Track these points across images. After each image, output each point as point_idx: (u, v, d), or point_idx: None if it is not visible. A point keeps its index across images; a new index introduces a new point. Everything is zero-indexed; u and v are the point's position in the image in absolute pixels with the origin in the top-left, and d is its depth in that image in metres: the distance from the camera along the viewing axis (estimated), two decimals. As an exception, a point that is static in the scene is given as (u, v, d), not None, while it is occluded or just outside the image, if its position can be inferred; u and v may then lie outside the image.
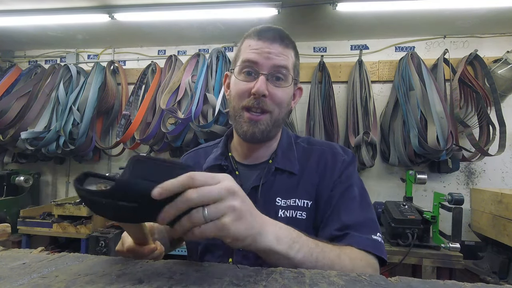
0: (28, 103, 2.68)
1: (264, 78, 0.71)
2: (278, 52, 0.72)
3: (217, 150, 0.85)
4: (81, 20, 2.38)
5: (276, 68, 0.72)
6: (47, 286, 0.43)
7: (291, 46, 0.76)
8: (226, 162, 0.81)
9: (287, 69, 0.73)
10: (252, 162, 0.82)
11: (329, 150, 0.81)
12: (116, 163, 2.94)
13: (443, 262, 1.75)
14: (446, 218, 2.08)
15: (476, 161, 2.35)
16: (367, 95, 2.37)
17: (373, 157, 2.31)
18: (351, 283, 0.45)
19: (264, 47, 0.72)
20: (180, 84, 2.53)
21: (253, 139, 0.74)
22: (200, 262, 0.52)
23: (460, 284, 0.45)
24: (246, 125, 0.73)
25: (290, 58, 0.75)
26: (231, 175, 0.75)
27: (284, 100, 0.75)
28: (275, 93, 0.72)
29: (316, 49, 2.71)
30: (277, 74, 0.73)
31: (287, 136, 0.85)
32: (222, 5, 2.13)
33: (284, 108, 0.76)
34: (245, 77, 0.73)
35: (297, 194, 0.75)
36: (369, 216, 0.71)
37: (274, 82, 0.73)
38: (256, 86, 0.70)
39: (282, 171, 0.78)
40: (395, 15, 2.22)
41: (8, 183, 2.62)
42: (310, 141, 0.86)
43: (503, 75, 2.24)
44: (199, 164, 0.86)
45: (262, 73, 0.71)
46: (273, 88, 0.72)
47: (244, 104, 0.73)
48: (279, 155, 0.80)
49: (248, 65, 0.73)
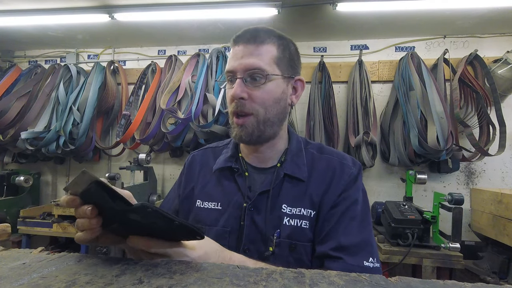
0: (28, 103, 2.68)
1: (240, 81, 0.72)
2: (250, 53, 0.72)
3: (227, 152, 0.86)
4: (81, 20, 2.38)
5: (249, 69, 0.72)
6: (47, 286, 0.43)
7: (268, 41, 0.73)
8: (237, 164, 0.82)
9: (260, 68, 0.71)
10: (260, 164, 0.82)
11: (338, 160, 0.80)
12: (116, 163, 2.94)
13: (443, 262, 1.75)
14: (446, 218, 2.08)
15: (476, 161, 2.35)
16: (367, 95, 2.37)
17: (373, 157, 2.31)
18: (351, 283, 0.45)
19: (239, 52, 0.74)
20: (180, 84, 2.53)
21: (243, 141, 0.76)
22: (200, 262, 0.52)
23: (460, 284, 0.44)
24: (236, 130, 0.75)
25: (266, 53, 0.72)
26: (241, 177, 0.80)
27: (267, 98, 0.73)
28: (254, 94, 0.72)
29: (316, 49, 2.71)
30: (253, 75, 0.72)
31: (297, 142, 0.84)
32: (222, 5, 2.13)
33: (271, 106, 0.74)
34: (229, 84, 0.76)
35: (303, 204, 0.75)
36: (367, 238, 0.71)
37: (252, 82, 0.72)
38: (232, 91, 0.72)
39: (290, 178, 0.78)
40: (395, 15, 2.22)
41: (8, 183, 2.62)
42: (321, 149, 0.84)
43: (503, 75, 2.24)
44: (207, 164, 0.87)
45: (238, 77, 0.73)
46: (252, 89, 0.72)
47: (231, 110, 0.75)
48: (288, 160, 0.80)
49: (228, 74, 0.76)
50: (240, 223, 0.75)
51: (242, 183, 0.79)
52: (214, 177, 0.83)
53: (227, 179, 0.81)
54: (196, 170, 0.88)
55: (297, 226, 0.73)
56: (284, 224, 0.73)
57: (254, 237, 0.74)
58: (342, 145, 2.53)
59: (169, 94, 2.49)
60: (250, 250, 0.74)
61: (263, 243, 0.73)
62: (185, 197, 0.86)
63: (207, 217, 0.79)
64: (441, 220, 1.95)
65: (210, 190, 0.82)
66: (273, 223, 0.74)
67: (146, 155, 2.49)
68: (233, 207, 0.77)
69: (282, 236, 0.73)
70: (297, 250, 0.72)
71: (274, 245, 0.72)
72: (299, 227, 0.73)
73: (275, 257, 0.71)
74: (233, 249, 0.73)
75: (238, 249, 0.74)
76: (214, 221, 0.77)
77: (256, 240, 0.74)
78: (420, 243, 1.81)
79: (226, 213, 0.77)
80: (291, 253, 0.72)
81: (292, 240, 0.72)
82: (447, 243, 1.78)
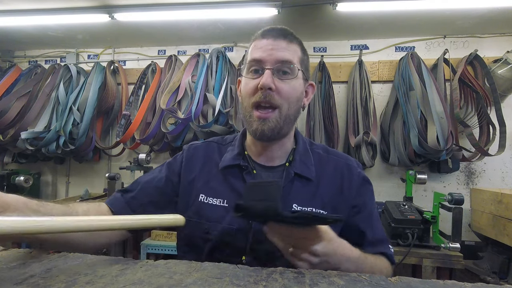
0: (28, 103, 2.68)
1: (270, 72, 0.72)
2: (282, 47, 0.73)
3: (233, 149, 0.84)
4: (81, 20, 2.38)
5: (281, 62, 0.73)
6: (47, 286, 0.43)
7: (296, 42, 0.77)
8: (245, 162, 0.81)
9: (292, 62, 0.73)
10: (268, 163, 0.81)
11: (344, 161, 0.84)
12: (116, 163, 2.94)
13: (443, 262, 1.75)
14: (446, 218, 2.07)
15: (476, 161, 2.35)
16: (367, 95, 2.37)
17: (373, 157, 2.31)
18: (351, 283, 0.45)
19: (268, 44, 0.74)
20: (180, 84, 2.53)
21: (263, 136, 0.75)
22: (200, 262, 0.52)
23: (460, 284, 0.45)
24: (256, 123, 0.74)
25: (295, 52, 0.75)
26: (249, 175, 0.79)
27: (292, 94, 0.74)
28: (282, 87, 0.73)
29: (316, 49, 2.71)
30: (283, 68, 0.73)
31: (303, 142, 0.86)
32: (222, 5, 2.13)
33: (293, 103, 0.75)
34: (252, 75, 0.75)
35: (314, 204, 0.76)
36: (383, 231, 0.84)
37: (281, 76, 0.73)
38: (262, 79, 0.71)
39: (299, 177, 0.78)
40: (395, 15, 2.22)
41: (8, 183, 2.61)
42: (326, 149, 0.87)
43: (503, 75, 2.24)
44: (211, 159, 0.84)
45: (267, 68, 0.72)
46: (279, 82, 0.73)
47: (253, 101, 0.74)
48: (297, 160, 0.80)
49: (254, 64, 0.75)
50: (248, 221, 0.74)
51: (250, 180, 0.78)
52: (220, 174, 0.81)
53: (234, 176, 0.80)
54: (198, 162, 0.85)
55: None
56: None
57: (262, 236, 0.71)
58: (342, 145, 2.53)
59: (169, 94, 2.49)
60: (257, 249, 0.72)
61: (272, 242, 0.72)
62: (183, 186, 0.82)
63: (211, 213, 0.77)
64: (441, 220, 1.95)
65: (216, 186, 0.80)
66: None
67: (146, 155, 2.49)
68: None
69: None
70: None
71: None
72: None
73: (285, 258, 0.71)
74: (240, 248, 0.73)
75: (244, 248, 0.73)
76: (219, 218, 0.76)
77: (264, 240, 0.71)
78: (420, 243, 1.81)
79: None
80: None
81: None
82: (447, 243, 1.77)
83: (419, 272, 1.81)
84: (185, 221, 0.71)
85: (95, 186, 2.95)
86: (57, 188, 3.07)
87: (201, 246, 0.77)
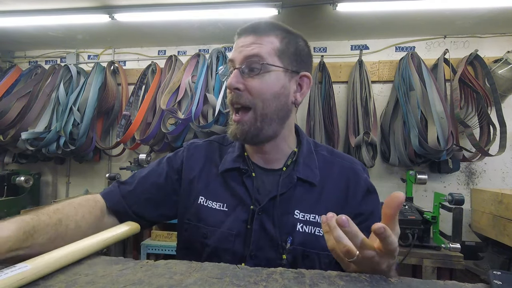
0: (29, 103, 2.68)
1: (237, 71, 0.69)
2: (250, 43, 0.69)
3: (233, 151, 0.80)
4: (81, 21, 2.38)
5: (247, 59, 0.68)
6: (47, 286, 0.43)
7: (272, 33, 0.70)
8: (245, 165, 0.77)
9: (259, 56, 0.68)
10: (266, 165, 0.78)
11: (350, 165, 0.80)
12: (117, 163, 2.94)
13: (443, 263, 1.75)
14: (446, 218, 2.07)
15: (477, 161, 2.35)
16: (367, 95, 2.36)
17: (373, 157, 2.31)
18: (351, 283, 0.45)
19: (240, 43, 0.71)
20: (180, 84, 2.53)
21: (237, 140, 0.73)
22: (200, 263, 0.52)
23: (460, 285, 0.44)
24: (232, 127, 0.72)
25: (266, 44, 0.69)
26: (249, 178, 0.76)
27: (266, 91, 0.69)
28: (252, 86, 0.68)
29: (316, 49, 2.71)
30: (250, 65, 0.68)
31: (307, 143, 0.81)
32: (222, 5, 2.13)
33: (269, 100, 0.69)
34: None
35: (318, 210, 0.72)
36: None
37: (249, 73, 0.68)
38: (228, 80, 0.69)
39: (303, 181, 0.74)
40: (395, 15, 2.22)
41: (9, 183, 2.61)
42: (331, 151, 0.83)
43: (503, 75, 2.24)
44: (212, 159, 0.81)
45: (236, 67, 0.70)
46: (250, 80, 0.68)
47: (228, 103, 0.73)
48: (300, 163, 0.76)
49: (230, 65, 0.73)
50: (247, 226, 0.71)
51: (250, 185, 0.74)
52: (219, 177, 0.78)
53: (234, 180, 0.77)
54: (199, 162, 0.82)
55: (310, 233, 0.70)
56: (297, 231, 0.70)
57: (263, 243, 0.70)
58: (342, 145, 2.53)
59: (169, 95, 2.49)
60: (257, 256, 0.69)
61: (273, 249, 0.69)
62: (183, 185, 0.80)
63: (210, 217, 0.74)
64: (442, 221, 1.94)
65: (215, 189, 0.77)
66: (285, 229, 0.70)
67: (147, 155, 2.49)
68: (240, 209, 0.73)
69: (295, 243, 0.69)
70: (310, 259, 0.69)
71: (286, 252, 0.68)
72: (313, 234, 0.70)
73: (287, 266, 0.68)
74: (239, 254, 0.70)
75: (244, 254, 0.70)
76: (218, 222, 0.73)
77: (265, 247, 0.70)
78: (420, 244, 1.80)
79: (232, 215, 0.73)
80: (304, 261, 0.69)
81: (306, 248, 0.69)
82: (447, 243, 1.77)
83: (420, 272, 1.81)
84: (139, 228, 0.71)
85: (95, 186, 2.96)
86: (57, 188, 3.07)
87: (199, 251, 0.74)
